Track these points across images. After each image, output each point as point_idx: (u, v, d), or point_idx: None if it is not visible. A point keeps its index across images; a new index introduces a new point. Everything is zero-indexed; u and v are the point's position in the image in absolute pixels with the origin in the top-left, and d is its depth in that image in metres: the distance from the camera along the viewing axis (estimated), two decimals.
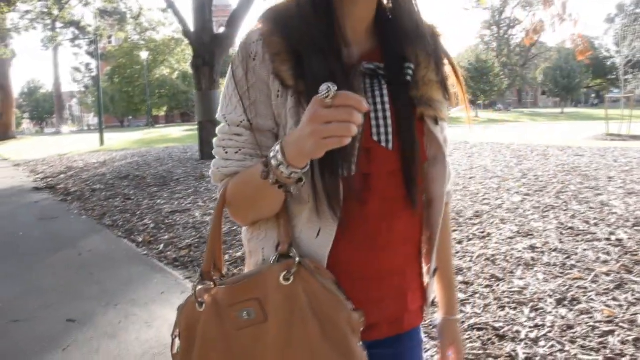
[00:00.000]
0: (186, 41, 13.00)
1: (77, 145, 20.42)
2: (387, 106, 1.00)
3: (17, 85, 78.10)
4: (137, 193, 8.25)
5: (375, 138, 1.01)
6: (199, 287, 1.00)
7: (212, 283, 1.00)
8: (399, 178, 1.03)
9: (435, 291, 1.19)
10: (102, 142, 19.65)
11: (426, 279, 1.11)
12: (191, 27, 11.71)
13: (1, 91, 25.30)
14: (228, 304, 0.96)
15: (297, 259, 0.92)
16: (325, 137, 0.77)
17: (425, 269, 1.11)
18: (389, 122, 1.00)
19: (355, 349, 0.91)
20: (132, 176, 9.94)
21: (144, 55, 39.52)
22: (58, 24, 27.02)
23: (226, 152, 1.00)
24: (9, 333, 3.36)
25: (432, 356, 2.55)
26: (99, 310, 3.68)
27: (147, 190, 8.36)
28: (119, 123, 59.26)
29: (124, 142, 21.57)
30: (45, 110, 65.20)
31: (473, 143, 12.95)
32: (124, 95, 48.38)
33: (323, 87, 0.76)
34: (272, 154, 0.86)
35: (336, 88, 0.75)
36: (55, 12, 22.46)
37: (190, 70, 13.71)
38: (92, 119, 68.34)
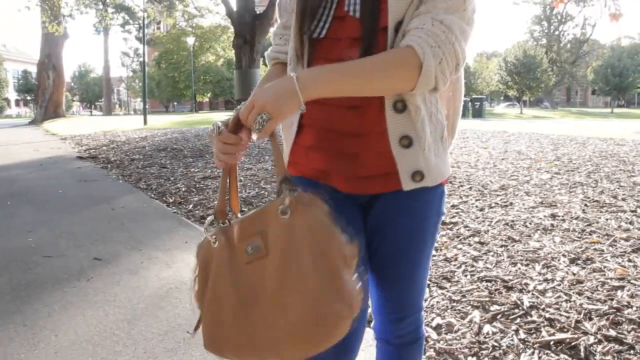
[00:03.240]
0: (232, 28, 13.17)
1: (121, 124, 20.98)
2: None
3: (68, 69, 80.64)
4: (173, 163, 8.49)
5: (346, 9, 1.12)
6: (213, 227, 1.11)
7: (227, 222, 1.11)
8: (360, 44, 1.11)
9: (420, 165, 1.16)
10: (145, 121, 20.14)
11: (395, 148, 1.16)
12: (234, 8, 11.91)
13: (53, 71, 26.19)
14: (238, 239, 1.05)
15: (295, 193, 0.99)
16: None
17: (394, 136, 1.15)
18: None
19: (344, 281, 0.95)
20: (169, 149, 10.21)
21: (190, 41, 40.17)
22: (109, 9, 27.79)
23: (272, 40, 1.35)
24: (40, 265, 3.56)
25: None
26: (124, 252, 3.85)
27: (183, 161, 8.59)
28: (164, 108, 60.45)
29: (166, 122, 22.03)
30: (95, 93, 67.05)
31: (511, 132, 12.75)
32: (169, 80, 49.32)
33: (213, 126, 1.08)
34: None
35: (223, 127, 1.08)
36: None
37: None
38: (138, 103, 69.95)
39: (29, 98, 60.91)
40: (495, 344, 2.33)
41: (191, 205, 5.41)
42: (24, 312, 2.77)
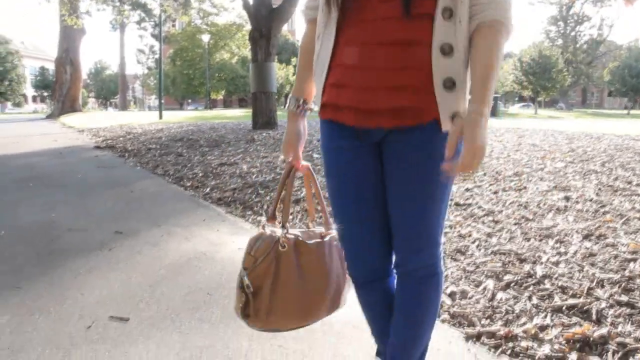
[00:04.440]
0: (246, 26, 13.29)
1: (137, 119, 21.19)
2: None
3: (85, 67, 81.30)
4: (190, 151, 8.59)
5: None
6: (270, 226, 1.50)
7: (280, 230, 1.46)
8: None
9: (460, 107, 1.26)
10: (160, 116, 20.32)
11: (438, 89, 1.24)
12: (250, 1, 11.99)
13: (70, 65, 26.48)
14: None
15: (284, 236, 1.44)
16: None
17: (439, 78, 1.24)
18: None
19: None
20: (185, 139, 10.33)
21: (205, 38, 40.38)
22: (126, 6, 28.03)
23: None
24: (63, 238, 3.67)
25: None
26: (144, 227, 3.94)
27: (199, 150, 8.69)
28: (178, 105, 60.79)
29: (181, 117, 22.20)
30: (110, 90, 67.66)
31: (525, 128, 12.72)
32: (184, 77, 49.59)
33: None
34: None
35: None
36: None
37: (250, 56, 14.03)
38: (153, 100, 70.40)
39: (45, 94, 61.64)
40: (509, 308, 2.38)
41: (208, 189, 5.49)
42: (51, 275, 2.88)
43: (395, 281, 1.46)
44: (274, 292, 1.41)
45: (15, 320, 2.29)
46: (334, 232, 1.52)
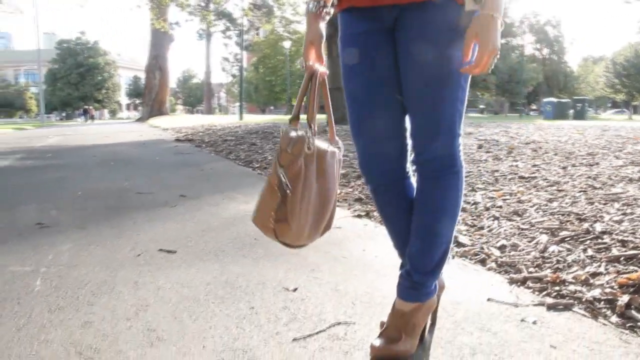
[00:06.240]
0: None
1: (219, 120, 21.99)
2: None
3: (173, 76, 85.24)
4: (263, 142, 8.80)
5: None
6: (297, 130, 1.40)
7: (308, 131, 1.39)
8: None
9: None
10: (241, 117, 20.96)
11: None
12: None
13: (159, 71, 27.91)
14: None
15: (308, 134, 1.36)
16: None
17: None
18: None
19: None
20: (261, 132, 10.59)
21: (287, 44, 41.23)
22: (212, 16, 29.18)
23: None
24: (131, 198, 3.89)
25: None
26: (207, 193, 4.10)
27: (272, 140, 8.88)
28: (260, 112, 62.33)
29: (261, 119, 22.82)
30: (197, 97, 70.57)
31: (612, 125, 12.05)
32: (266, 84, 50.85)
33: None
34: None
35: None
36: (211, 6, 24.28)
37: None
38: (237, 108, 72.65)
39: (137, 102, 65.16)
40: (561, 259, 2.27)
41: None
42: (112, 221, 3.07)
43: (414, 180, 1.45)
44: (303, 196, 1.35)
45: (75, 248, 2.47)
46: (340, 147, 1.49)
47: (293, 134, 1.37)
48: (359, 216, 3.20)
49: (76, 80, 54.74)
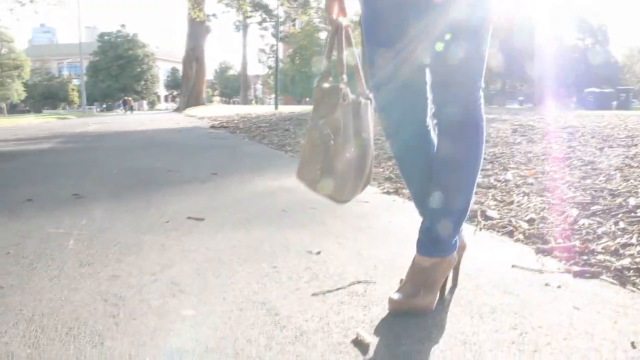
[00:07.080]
0: None
1: (254, 110, 22.18)
2: None
3: (210, 68, 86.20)
4: (296, 128, 8.85)
5: None
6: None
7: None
8: None
9: None
10: (276, 106, 21.07)
11: None
12: None
13: (196, 63, 28.26)
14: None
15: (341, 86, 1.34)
16: None
17: None
18: None
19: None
20: (294, 119, 10.64)
21: (323, 35, 41.18)
22: (249, 7, 29.39)
23: None
24: (163, 175, 3.98)
25: None
26: (238, 172, 4.15)
27: (306, 127, 8.91)
28: (296, 103, 62.49)
29: (296, 109, 22.91)
30: (233, 89, 71.22)
31: None
32: (302, 75, 50.90)
33: None
34: None
35: None
36: None
37: None
38: (273, 100, 73.04)
39: (175, 93, 66.15)
40: (590, 230, 2.23)
41: None
42: (143, 194, 3.16)
43: (434, 134, 1.44)
44: (344, 147, 1.34)
45: (107, 215, 2.56)
46: (370, 98, 1.45)
47: (326, 85, 1.39)
48: (388, 192, 3.20)
49: (116, 72, 55.93)
